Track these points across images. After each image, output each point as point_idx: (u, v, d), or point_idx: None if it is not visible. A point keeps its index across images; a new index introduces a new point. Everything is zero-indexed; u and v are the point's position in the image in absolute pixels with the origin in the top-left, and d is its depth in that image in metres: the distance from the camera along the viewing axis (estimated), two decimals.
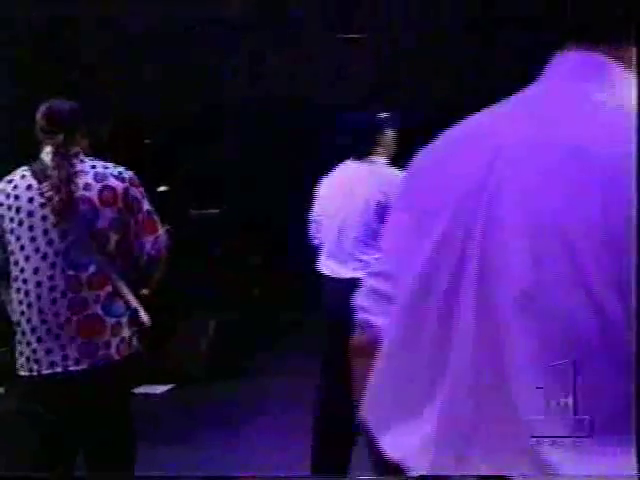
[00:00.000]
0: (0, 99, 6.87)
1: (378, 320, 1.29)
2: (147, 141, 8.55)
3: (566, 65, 1.22)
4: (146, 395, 6.04)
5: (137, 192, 2.89)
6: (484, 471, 1.08)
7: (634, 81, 1.16)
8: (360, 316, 1.35)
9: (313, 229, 4.26)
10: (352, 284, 1.73)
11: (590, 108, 1.15)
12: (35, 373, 2.78)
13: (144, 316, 2.88)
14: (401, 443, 1.18)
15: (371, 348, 1.27)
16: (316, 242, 4.21)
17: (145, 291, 2.92)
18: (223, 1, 7.53)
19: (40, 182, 2.83)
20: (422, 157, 1.31)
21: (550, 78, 1.23)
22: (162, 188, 8.57)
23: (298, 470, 4.16)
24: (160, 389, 6.34)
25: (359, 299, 1.36)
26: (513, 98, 1.25)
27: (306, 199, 4.35)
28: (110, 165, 2.90)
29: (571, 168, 1.10)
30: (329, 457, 4.02)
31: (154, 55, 7.61)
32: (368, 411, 1.26)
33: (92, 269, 2.78)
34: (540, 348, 1.06)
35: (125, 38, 7.51)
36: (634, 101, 1.13)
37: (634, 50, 1.18)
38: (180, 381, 6.45)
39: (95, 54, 7.42)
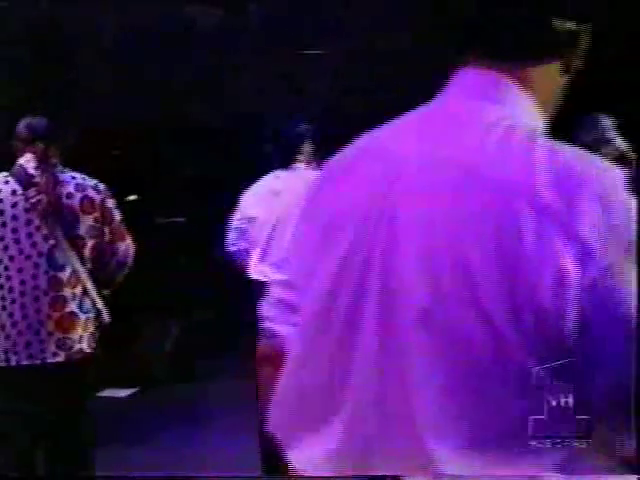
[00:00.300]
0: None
1: (283, 329, 1.35)
2: (115, 152, 8.69)
3: (464, 82, 1.20)
4: (111, 398, 6.14)
5: (111, 203, 3.25)
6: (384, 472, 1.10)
7: (531, 102, 1.18)
8: (265, 325, 1.38)
9: (234, 236, 4.27)
10: None
11: (484, 128, 1.13)
12: (14, 364, 3.04)
13: (106, 315, 3.24)
14: (306, 455, 1.17)
15: (276, 358, 1.27)
16: (234, 249, 4.25)
17: (106, 292, 3.27)
18: (185, 14, 7.66)
19: (25, 188, 3.13)
20: (328, 168, 1.28)
21: (449, 95, 1.21)
22: (131, 197, 8.72)
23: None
24: (124, 392, 6.40)
25: (265, 308, 1.41)
26: (414, 113, 1.23)
27: None
28: (86, 177, 3.23)
29: (463, 188, 1.09)
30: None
31: (124, 68, 7.72)
32: (274, 423, 1.24)
33: (69, 270, 3.10)
34: (439, 366, 1.06)
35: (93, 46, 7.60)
36: (530, 122, 1.15)
37: (535, 70, 1.18)
38: (144, 383, 6.50)
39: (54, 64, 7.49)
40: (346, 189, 1.20)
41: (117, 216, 3.27)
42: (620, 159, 1.24)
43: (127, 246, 3.29)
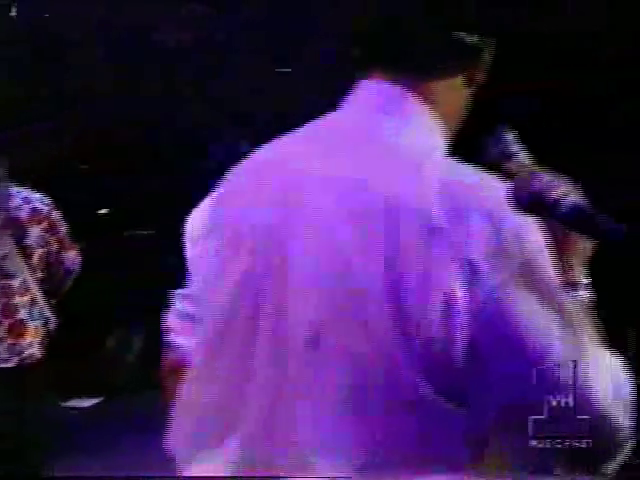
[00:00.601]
0: None
1: (185, 343, 1.31)
2: (83, 167, 8.75)
3: (364, 95, 1.18)
4: (73, 408, 6.19)
5: (57, 215, 3.46)
6: None
7: (432, 116, 1.15)
8: (168, 337, 1.38)
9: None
10: None
11: (379, 143, 1.12)
12: None
13: (54, 323, 3.43)
14: (206, 470, 1.15)
15: (180, 371, 1.25)
16: None
17: (53, 301, 3.46)
18: (162, 28, 7.71)
19: None
20: (228, 181, 1.25)
21: (348, 107, 1.19)
22: (102, 211, 8.79)
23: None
24: (88, 402, 6.43)
25: (168, 320, 1.39)
26: (312, 124, 1.20)
27: None
28: (30, 191, 3.42)
29: (352, 206, 1.07)
30: None
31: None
32: (174, 438, 1.21)
33: (20, 279, 3.27)
34: (328, 385, 1.06)
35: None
36: (429, 137, 1.13)
37: (438, 84, 1.16)
38: (107, 393, 6.53)
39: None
40: (243, 204, 1.18)
41: (63, 227, 3.45)
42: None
43: (74, 256, 3.47)
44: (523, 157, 1.23)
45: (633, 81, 6.27)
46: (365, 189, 1.08)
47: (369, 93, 1.18)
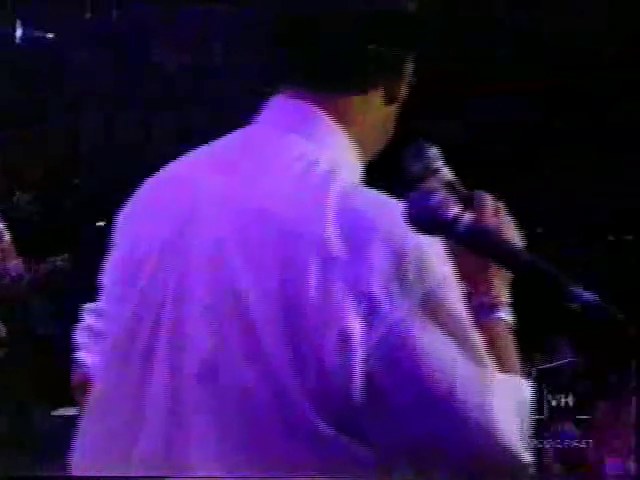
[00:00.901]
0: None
1: (89, 359, 1.25)
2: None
3: (277, 111, 1.12)
4: (62, 417, 6.14)
5: (1, 225, 3.54)
6: None
7: (345, 135, 1.09)
8: (76, 354, 1.33)
9: None
10: None
11: (284, 164, 1.06)
12: None
13: (2, 331, 3.61)
14: None
15: (87, 387, 1.21)
16: None
17: None
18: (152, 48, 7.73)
19: None
20: (137, 195, 1.19)
21: (260, 123, 1.13)
22: (100, 223, 8.75)
23: None
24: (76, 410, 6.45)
25: (77, 336, 1.34)
26: (223, 140, 1.15)
27: None
28: None
29: (250, 232, 1.03)
30: None
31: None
32: (78, 456, 1.16)
33: None
34: (220, 416, 1.02)
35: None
36: (341, 157, 1.07)
37: (353, 101, 1.10)
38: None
39: None
40: (147, 221, 1.13)
41: (7, 237, 3.53)
42: (448, 190, 1.18)
43: (17, 265, 3.54)
44: (446, 173, 1.18)
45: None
46: (262, 216, 1.03)
47: (280, 110, 1.12)
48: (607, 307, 0.83)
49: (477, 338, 1.03)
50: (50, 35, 7.81)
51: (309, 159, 1.05)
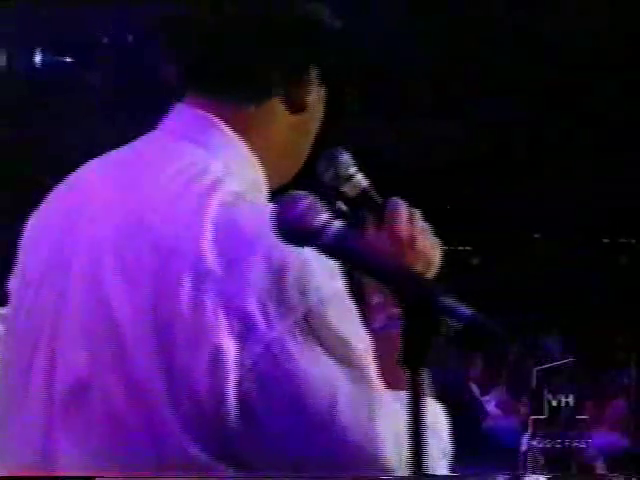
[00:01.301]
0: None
1: None
2: None
3: (174, 119, 1.07)
4: None
5: None
6: None
7: (243, 144, 1.04)
8: None
9: None
10: None
11: (171, 175, 1.00)
12: None
13: None
14: None
15: None
16: None
17: None
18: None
19: None
20: (43, 202, 1.13)
21: (159, 131, 1.08)
22: None
23: None
24: None
25: None
26: (118, 151, 1.09)
27: None
28: None
29: (129, 244, 0.97)
30: None
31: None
32: None
33: None
34: (86, 445, 0.96)
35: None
36: (231, 167, 1.02)
37: (253, 110, 1.04)
38: None
39: None
40: (38, 235, 1.08)
41: None
42: (362, 197, 1.14)
43: None
44: (360, 179, 1.15)
45: None
46: (140, 228, 0.97)
47: (179, 118, 1.06)
48: (487, 322, 0.77)
49: (364, 356, 0.97)
50: None
51: (198, 168, 1.00)
